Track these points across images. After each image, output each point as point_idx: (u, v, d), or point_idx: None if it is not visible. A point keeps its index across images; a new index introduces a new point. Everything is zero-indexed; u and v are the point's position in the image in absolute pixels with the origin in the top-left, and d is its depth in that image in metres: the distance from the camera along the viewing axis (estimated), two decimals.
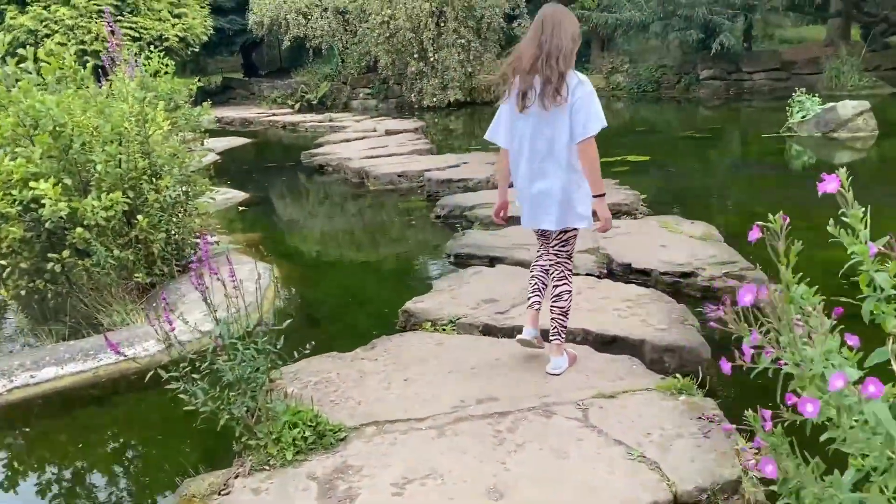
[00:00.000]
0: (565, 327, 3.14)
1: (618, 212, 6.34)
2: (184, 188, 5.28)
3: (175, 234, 5.05)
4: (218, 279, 2.77)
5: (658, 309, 3.80)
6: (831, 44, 19.05)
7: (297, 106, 20.79)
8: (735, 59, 17.84)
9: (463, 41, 18.64)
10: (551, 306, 3.14)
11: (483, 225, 6.31)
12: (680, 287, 4.43)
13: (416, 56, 18.81)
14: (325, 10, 20.28)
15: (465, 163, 9.04)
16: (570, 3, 20.95)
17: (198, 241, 5.58)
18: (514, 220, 6.29)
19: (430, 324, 3.81)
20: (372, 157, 10.13)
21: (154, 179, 4.92)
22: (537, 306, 3.20)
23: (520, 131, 3.03)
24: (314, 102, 20.82)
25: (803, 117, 10.46)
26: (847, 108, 10.09)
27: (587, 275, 4.64)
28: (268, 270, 5.19)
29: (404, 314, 4.05)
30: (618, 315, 3.75)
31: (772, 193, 7.18)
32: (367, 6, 19.31)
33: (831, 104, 10.27)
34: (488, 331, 3.73)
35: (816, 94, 10.82)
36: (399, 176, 8.69)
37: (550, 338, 3.15)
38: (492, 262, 5.22)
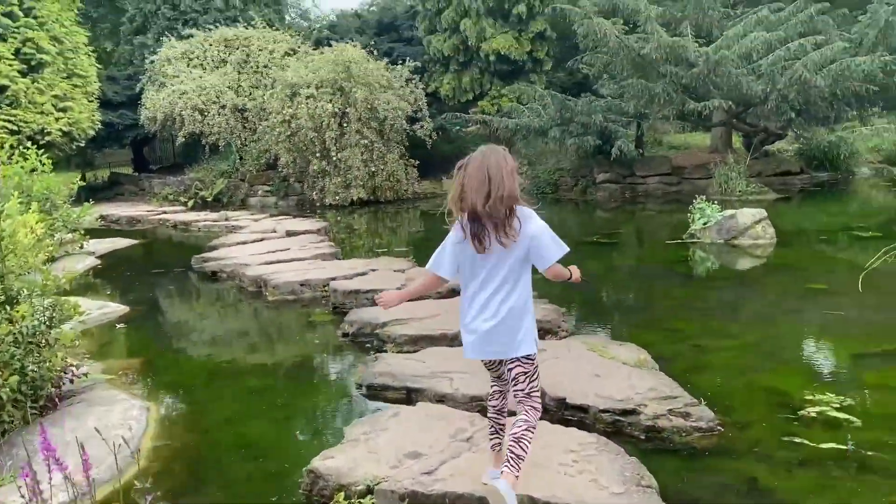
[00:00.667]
0: (520, 457, 2.92)
1: (540, 329, 5.94)
2: (47, 314, 4.47)
3: (32, 372, 4.21)
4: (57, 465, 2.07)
5: (608, 463, 3.30)
6: (716, 150, 20.17)
7: (190, 203, 19.90)
8: (629, 164, 18.49)
9: (366, 141, 18.55)
10: (510, 436, 2.99)
11: (398, 346, 5.74)
12: (622, 427, 3.98)
13: (318, 155, 18.53)
14: (223, 107, 19.82)
15: (373, 269, 8.51)
16: (471, 110, 21.42)
17: (64, 374, 4.75)
18: (431, 342, 5.80)
19: (342, 494, 3.14)
20: (271, 262, 9.46)
21: (7, 307, 4.11)
22: (497, 448, 3.21)
23: (473, 269, 3.06)
24: (209, 199, 20.01)
25: (705, 224, 10.65)
26: (746, 216, 10.35)
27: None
28: (144, 412, 4.40)
29: (310, 475, 3.37)
30: (564, 472, 3.23)
31: (690, 306, 7.01)
32: (267, 105, 19.00)
33: (731, 212, 10.52)
34: (415, 500, 3.11)
35: (714, 201, 11.10)
36: (301, 285, 8.05)
37: (504, 463, 2.93)
38: (409, 394, 4.64)
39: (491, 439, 3.25)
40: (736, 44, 15.70)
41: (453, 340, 5.65)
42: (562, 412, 4.22)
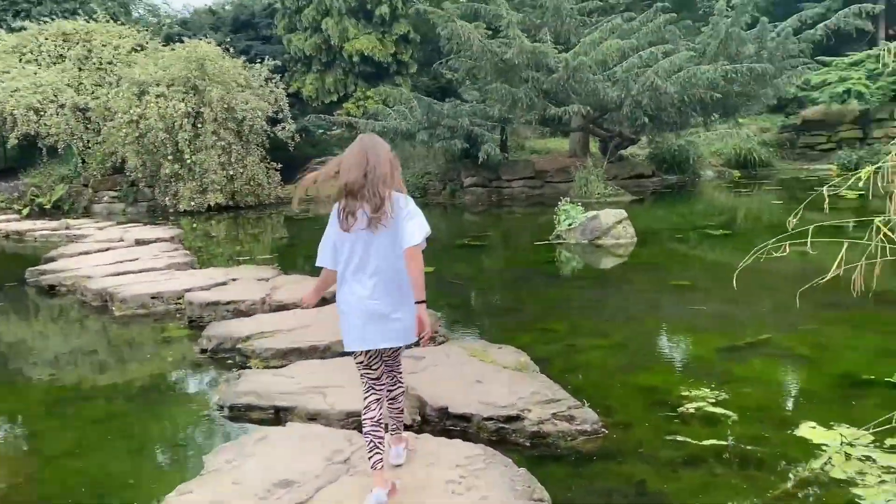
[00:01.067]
0: (402, 422, 3.37)
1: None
2: None
3: None
4: None
5: (498, 477, 3.10)
6: (575, 154, 20.88)
7: (25, 211, 18.16)
8: (495, 168, 18.74)
9: (223, 143, 17.63)
10: (390, 407, 3.27)
11: (263, 361, 5.30)
12: (506, 435, 3.80)
13: (170, 157, 17.38)
14: (62, 106, 18.18)
15: (233, 279, 7.94)
16: (335, 112, 20.96)
17: None
18: (300, 355, 5.41)
19: None
20: (118, 273, 8.62)
21: None
22: (380, 465, 2.98)
23: (348, 252, 3.05)
24: (47, 207, 18.33)
25: (570, 225, 10.85)
26: (608, 216, 10.65)
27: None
28: None
29: None
30: (452, 491, 2.99)
31: (560, 305, 7.04)
32: (112, 104, 17.59)
33: (594, 213, 10.79)
34: None
35: (578, 203, 11.36)
36: (153, 298, 7.35)
37: (391, 431, 3.32)
38: (278, 414, 4.24)
39: (371, 457, 2.97)
40: (593, 50, 16.27)
41: (325, 352, 5.30)
42: (444, 423, 3.99)
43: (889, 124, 23.09)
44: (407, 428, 3.82)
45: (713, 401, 4.18)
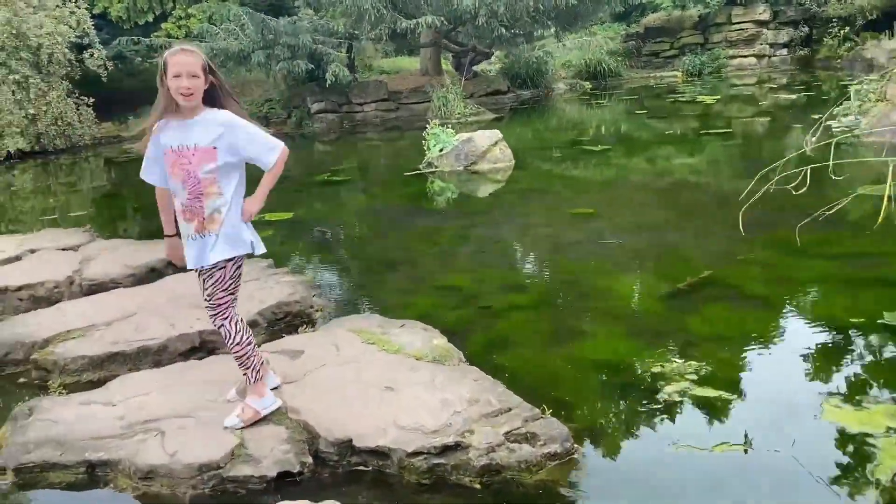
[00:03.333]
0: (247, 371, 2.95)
1: (287, 315, 4.37)
2: None
3: None
4: None
5: None
6: (427, 73, 19.52)
7: None
8: (345, 92, 17.04)
9: (17, 76, 14.67)
10: None
11: (72, 375, 3.78)
12: (444, 475, 2.63)
13: None
14: None
15: (31, 250, 6.10)
16: (153, 34, 18.16)
17: None
18: (124, 362, 3.94)
19: None
20: None
21: None
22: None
23: None
24: None
25: (441, 150, 9.67)
26: (483, 138, 9.54)
27: (281, 476, 2.62)
28: None
29: None
30: None
31: (454, 251, 5.91)
32: None
33: (467, 135, 9.64)
34: None
35: (447, 126, 10.15)
36: None
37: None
38: (92, 472, 2.83)
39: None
40: None
41: (161, 354, 3.86)
42: (348, 461, 2.76)
43: (727, 28, 23.48)
44: (296, 475, 2.59)
45: (694, 377, 3.22)
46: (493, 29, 15.72)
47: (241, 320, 2.93)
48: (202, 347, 3.99)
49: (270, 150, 2.79)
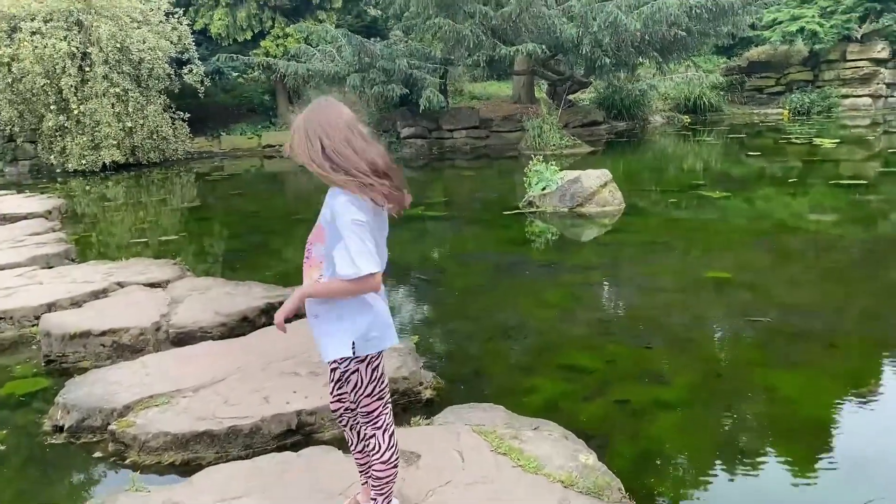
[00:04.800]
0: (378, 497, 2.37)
1: (394, 394, 3.77)
2: None
3: None
4: None
5: None
6: (519, 100, 18.97)
7: None
8: (435, 117, 16.66)
9: (118, 90, 14.90)
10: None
11: (152, 454, 3.29)
12: None
13: (53, 107, 14.63)
14: None
15: (118, 283, 5.76)
16: (251, 52, 18.26)
17: None
18: (211, 446, 3.39)
19: None
20: None
21: None
22: None
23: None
24: None
25: (544, 189, 9.03)
26: (592, 178, 8.86)
27: None
28: None
29: None
30: None
31: (575, 318, 5.25)
32: None
33: (574, 174, 8.97)
34: None
35: (552, 162, 9.51)
36: None
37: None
38: None
39: None
40: None
41: (253, 437, 3.32)
42: None
43: (840, 65, 22.07)
44: None
45: None
46: (597, 59, 15.04)
47: (394, 433, 2.36)
48: (298, 430, 3.45)
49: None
